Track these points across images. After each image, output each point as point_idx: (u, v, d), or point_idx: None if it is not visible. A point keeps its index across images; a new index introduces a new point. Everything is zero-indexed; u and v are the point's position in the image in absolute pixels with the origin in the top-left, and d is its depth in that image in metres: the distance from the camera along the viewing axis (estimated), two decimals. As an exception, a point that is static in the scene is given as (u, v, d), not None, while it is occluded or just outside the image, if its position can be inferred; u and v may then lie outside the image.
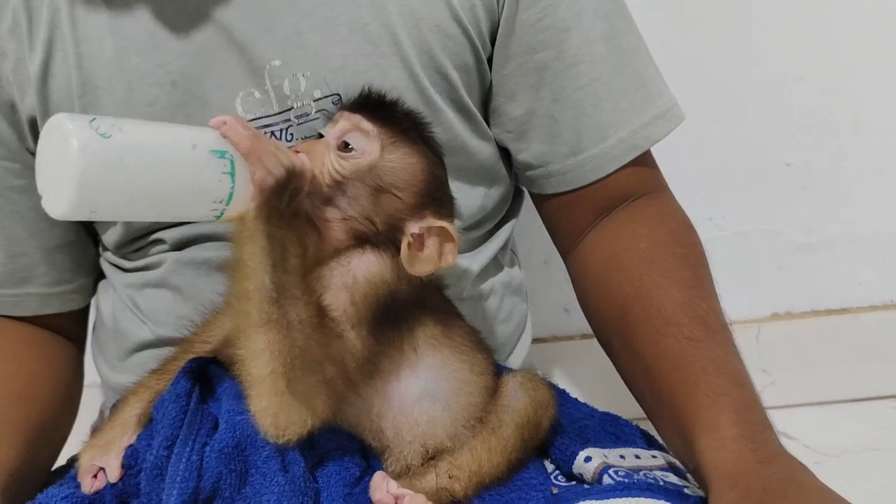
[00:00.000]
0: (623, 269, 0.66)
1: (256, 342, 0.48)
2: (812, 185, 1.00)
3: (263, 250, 0.48)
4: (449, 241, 0.54)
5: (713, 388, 0.55)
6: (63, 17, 0.64)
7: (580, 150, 0.68)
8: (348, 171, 0.53)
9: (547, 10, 0.65)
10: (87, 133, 0.45)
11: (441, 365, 0.55)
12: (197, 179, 0.48)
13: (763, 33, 0.96)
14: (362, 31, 0.63)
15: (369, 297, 0.52)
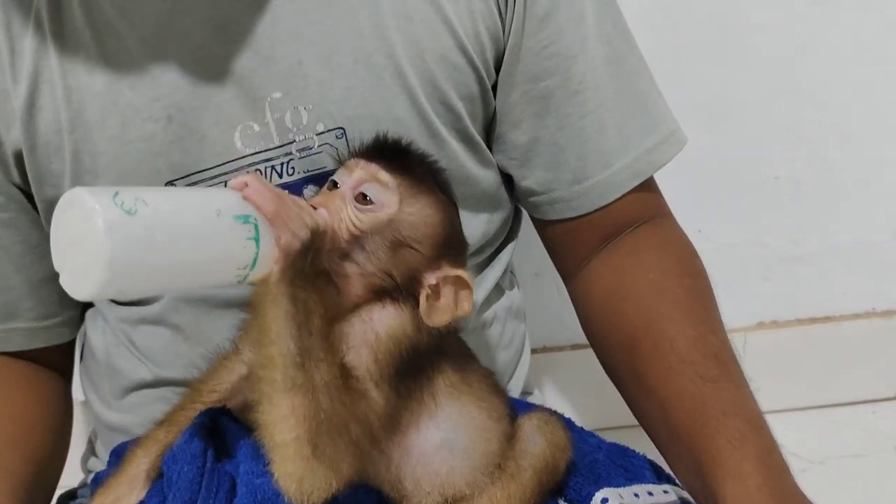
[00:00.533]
0: (631, 300, 0.66)
1: (281, 407, 0.46)
2: (799, 197, 1.01)
3: (288, 314, 0.46)
4: (464, 288, 0.53)
5: (734, 433, 0.55)
6: (48, 48, 0.61)
7: (585, 177, 0.67)
8: (367, 226, 0.52)
9: (553, 37, 0.64)
10: (112, 211, 0.43)
11: (460, 413, 0.54)
12: (223, 248, 0.46)
13: (753, 48, 0.96)
14: (366, 63, 0.61)
15: (392, 354, 0.51)
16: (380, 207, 0.52)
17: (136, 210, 0.43)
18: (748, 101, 0.98)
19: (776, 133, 0.99)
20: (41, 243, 0.68)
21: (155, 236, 0.43)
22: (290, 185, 0.63)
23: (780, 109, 0.98)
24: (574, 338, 1.08)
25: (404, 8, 0.61)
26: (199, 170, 0.62)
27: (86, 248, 0.43)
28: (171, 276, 0.45)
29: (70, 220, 0.44)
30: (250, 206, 0.47)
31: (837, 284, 1.05)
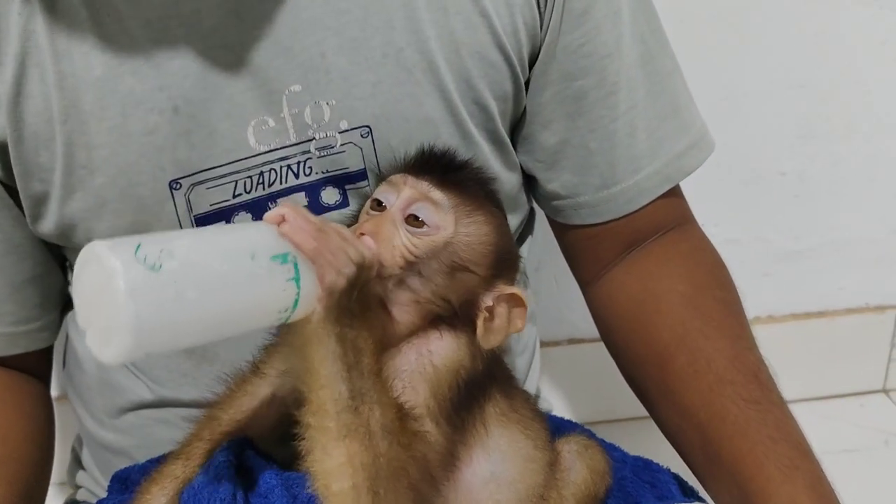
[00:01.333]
0: (661, 313, 0.63)
1: (336, 456, 0.42)
2: (804, 193, 1.00)
3: (336, 355, 0.42)
4: (518, 306, 0.50)
5: (784, 459, 0.53)
6: (38, 27, 0.54)
7: (613, 182, 0.64)
8: (422, 251, 0.48)
9: (589, 35, 0.60)
10: (135, 269, 0.37)
11: (509, 444, 0.51)
12: (261, 294, 0.41)
13: (761, 44, 0.94)
14: (396, 56, 0.56)
15: (451, 386, 0.47)
16: (435, 230, 0.48)
17: (162, 265, 0.38)
18: (757, 96, 0.95)
19: (783, 129, 0.98)
20: (23, 243, 0.62)
21: (184, 293, 0.38)
22: (307, 186, 0.59)
23: (788, 106, 0.96)
24: (572, 332, 1.06)
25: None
26: (206, 167, 0.57)
27: (108, 312, 0.38)
28: (204, 330, 0.40)
29: (91, 278, 0.39)
30: (288, 242, 0.42)
31: (834, 280, 1.05)
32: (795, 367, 1.06)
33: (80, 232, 0.58)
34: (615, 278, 0.67)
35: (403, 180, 0.50)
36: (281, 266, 0.41)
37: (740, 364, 0.59)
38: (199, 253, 0.40)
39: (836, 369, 1.08)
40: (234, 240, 0.42)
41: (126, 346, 0.37)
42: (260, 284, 0.41)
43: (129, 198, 0.57)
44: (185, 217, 0.58)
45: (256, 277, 0.41)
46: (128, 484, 0.58)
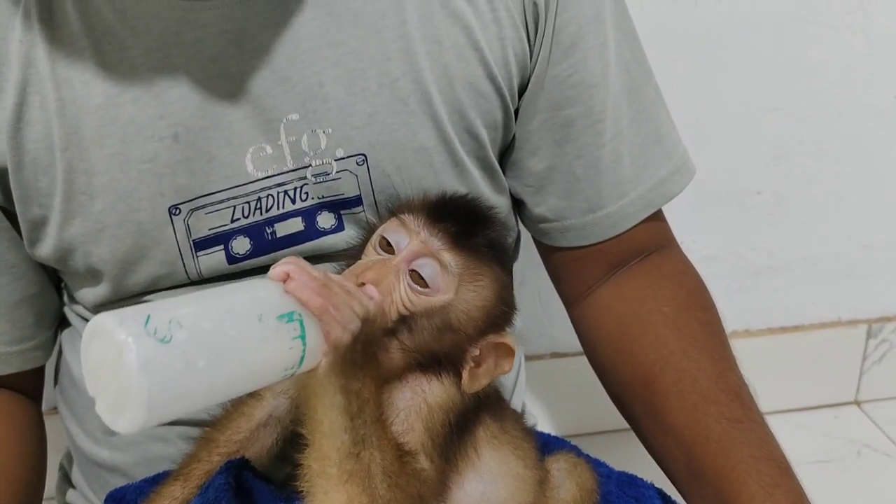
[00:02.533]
0: (646, 334, 0.65)
1: (336, 499, 0.44)
2: (778, 211, 1.03)
3: (340, 407, 0.44)
4: (506, 353, 0.51)
5: (766, 477, 0.55)
6: (39, 54, 0.55)
7: (599, 206, 0.66)
8: (418, 309, 0.49)
9: (577, 66, 0.62)
10: (145, 343, 0.38)
11: (500, 465, 0.52)
12: (268, 355, 0.42)
13: (739, 67, 0.97)
14: (391, 87, 0.58)
15: (444, 424, 0.49)
16: (435, 292, 0.49)
17: (172, 336, 0.38)
18: (733, 118, 0.99)
19: (759, 150, 1.01)
20: (17, 264, 0.62)
21: (195, 362, 0.39)
22: (303, 212, 0.60)
23: (763, 127, 0.99)
24: (554, 346, 1.08)
25: (434, 32, 0.58)
26: (205, 193, 0.58)
27: (120, 385, 0.38)
28: (213, 395, 0.41)
29: (100, 351, 0.39)
30: (293, 299, 0.42)
31: (807, 294, 1.08)
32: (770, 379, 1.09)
33: (78, 256, 0.59)
34: (600, 299, 0.69)
35: (417, 229, 0.50)
36: (287, 325, 0.42)
37: (723, 384, 0.61)
38: (208, 320, 0.40)
39: (809, 382, 1.11)
40: (241, 302, 0.42)
41: (140, 419, 0.38)
42: (267, 346, 0.41)
43: (128, 223, 0.58)
44: (184, 242, 0.59)
45: (264, 340, 0.41)
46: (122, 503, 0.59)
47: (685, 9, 0.93)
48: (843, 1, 0.95)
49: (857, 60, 0.97)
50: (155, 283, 0.60)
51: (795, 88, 0.98)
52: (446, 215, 0.51)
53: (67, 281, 0.65)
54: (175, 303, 0.41)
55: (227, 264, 0.60)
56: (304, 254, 0.60)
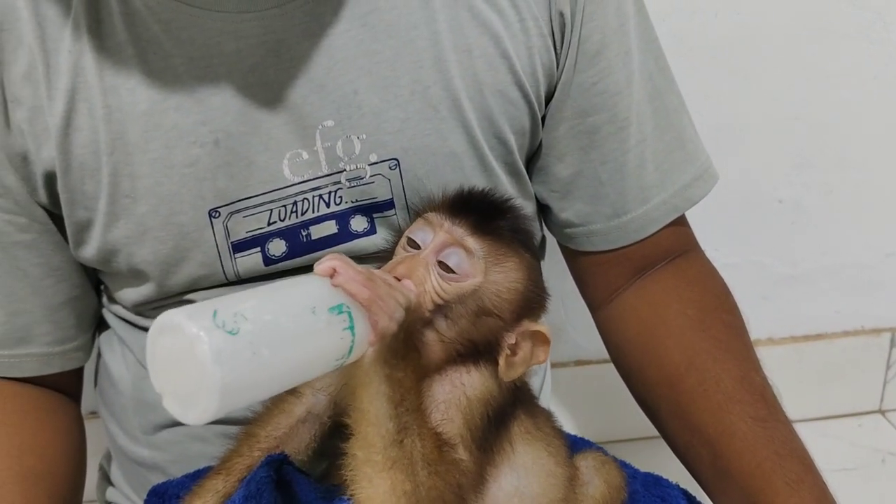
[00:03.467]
0: (672, 336, 0.67)
1: (380, 485, 0.46)
2: (800, 220, 1.04)
3: (384, 395, 0.45)
4: (542, 342, 0.53)
5: (791, 474, 0.56)
6: (87, 63, 0.58)
7: (624, 211, 0.68)
8: (451, 296, 0.50)
9: (602, 74, 0.64)
10: (216, 335, 0.40)
11: (533, 461, 0.54)
12: (323, 345, 0.44)
13: (760, 77, 0.98)
14: (423, 94, 0.60)
15: (482, 414, 0.50)
16: (464, 277, 0.51)
17: (238, 328, 0.41)
18: (754, 128, 1.00)
19: (780, 159, 1.02)
20: (62, 266, 0.65)
21: (260, 352, 0.41)
22: (337, 215, 0.62)
23: (784, 136, 1.01)
24: (579, 354, 1.09)
25: (465, 42, 0.60)
26: (243, 197, 0.60)
27: (192, 377, 0.40)
28: (276, 384, 0.44)
29: (169, 346, 0.42)
30: (341, 293, 0.45)
31: (830, 303, 1.09)
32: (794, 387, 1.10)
33: (121, 257, 0.62)
34: (625, 303, 0.71)
35: (440, 222, 0.52)
36: (337, 317, 0.44)
37: (748, 384, 0.62)
38: (268, 313, 0.43)
39: (833, 390, 1.11)
40: (295, 296, 0.44)
41: (213, 408, 0.40)
42: (321, 336, 0.44)
43: (170, 225, 0.60)
44: (223, 244, 0.61)
45: (318, 330, 0.43)
46: (165, 498, 0.60)
47: (706, 20, 0.95)
48: (863, 11, 0.96)
49: (877, 69, 0.99)
50: (195, 283, 0.62)
51: (816, 98, 0.99)
52: (466, 207, 0.53)
53: (109, 282, 0.67)
54: (235, 298, 0.43)
55: (263, 266, 0.62)
56: (339, 256, 0.62)
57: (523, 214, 0.58)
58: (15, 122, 0.58)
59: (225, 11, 0.57)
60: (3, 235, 0.62)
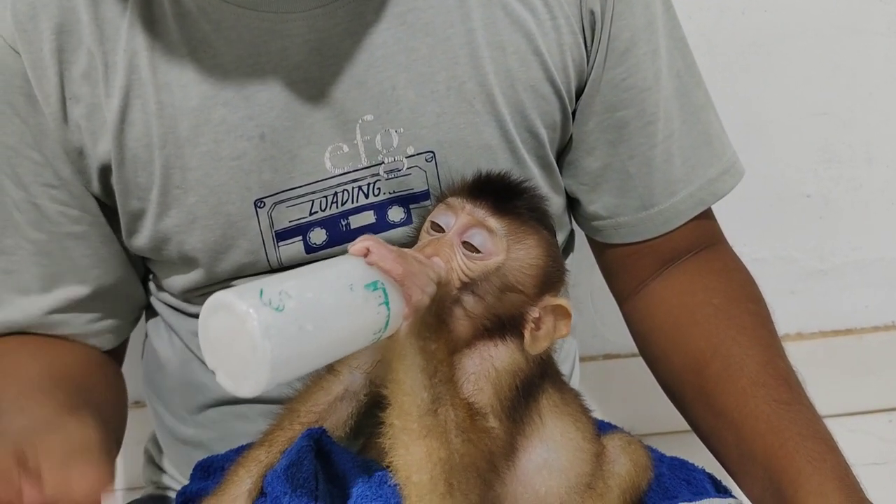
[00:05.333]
0: (698, 324, 0.68)
1: (416, 452, 0.48)
2: (828, 214, 1.05)
3: (419, 366, 0.48)
4: (564, 315, 0.55)
5: (813, 453, 0.58)
6: (142, 62, 0.61)
7: (651, 204, 0.70)
8: (476, 274, 0.53)
9: (631, 70, 0.66)
10: (264, 312, 0.44)
11: (562, 434, 0.56)
12: (362, 320, 0.47)
13: (788, 72, 0.99)
14: (459, 89, 0.63)
15: (510, 386, 0.53)
16: (488, 255, 0.53)
17: (284, 305, 0.44)
18: (783, 123, 1.01)
19: (807, 154, 1.03)
20: (109, 258, 0.68)
21: (305, 327, 0.44)
22: (375, 206, 0.65)
23: (812, 132, 1.02)
24: (607, 348, 1.11)
25: (498, 39, 0.63)
26: (287, 188, 0.63)
27: (244, 352, 0.44)
28: (319, 357, 0.47)
29: (220, 324, 0.45)
30: (376, 270, 0.48)
31: (859, 298, 1.09)
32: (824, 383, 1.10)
33: (172, 245, 0.65)
34: (653, 293, 0.73)
35: (461, 205, 0.55)
36: (373, 293, 0.47)
37: (772, 369, 0.64)
38: (310, 290, 0.46)
39: (863, 385, 1.11)
40: (333, 275, 0.48)
41: (264, 380, 0.44)
42: (359, 312, 0.47)
43: (218, 215, 0.63)
44: (266, 232, 0.64)
45: (357, 306, 0.47)
46: (210, 471, 0.64)
47: (733, 18, 0.96)
48: (890, 7, 0.97)
49: (904, 65, 0.99)
50: (241, 270, 0.65)
51: (843, 94, 1.00)
52: (485, 190, 0.56)
53: (158, 270, 0.70)
54: (278, 278, 0.47)
55: (304, 253, 0.65)
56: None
57: (539, 195, 0.61)
58: (73, 118, 0.62)
59: (272, 12, 0.60)
60: (55, 225, 0.65)
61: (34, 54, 0.61)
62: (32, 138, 0.62)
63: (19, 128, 0.62)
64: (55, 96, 0.61)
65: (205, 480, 0.63)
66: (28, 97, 0.61)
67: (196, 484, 0.64)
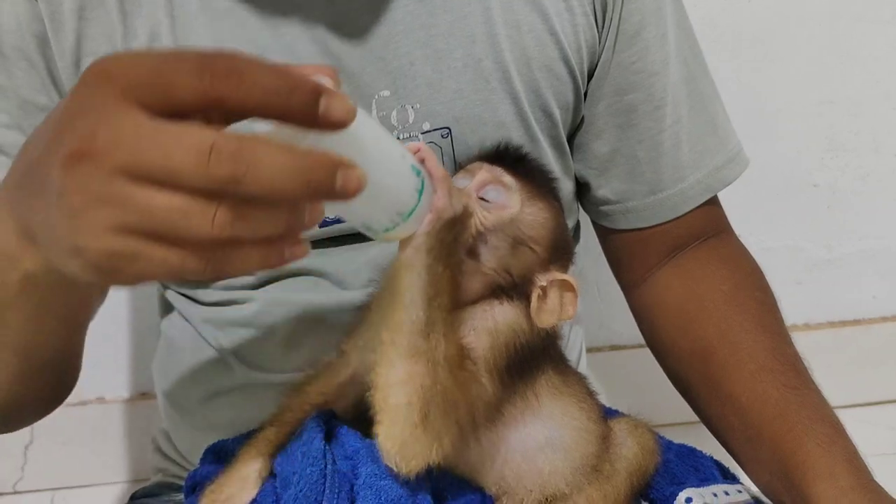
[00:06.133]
0: (705, 311, 0.68)
1: (400, 372, 0.48)
2: (835, 204, 1.05)
3: (421, 284, 0.48)
4: (569, 291, 0.55)
5: (822, 437, 0.58)
6: (163, 30, 0.61)
7: (660, 189, 0.70)
8: (491, 224, 0.54)
9: (640, 54, 0.67)
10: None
11: (563, 413, 0.56)
12: (399, 185, 0.47)
13: (795, 61, 0.99)
14: (475, 66, 0.63)
15: (508, 344, 0.53)
16: (503, 207, 0.54)
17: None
18: (789, 112, 1.01)
19: (814, 144, 1.03)
20: None
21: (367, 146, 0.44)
22: None
23: (819, 121, 1.02)
24: (612, 339, 1.11)
25: (514, 18, 0.63)
26: None
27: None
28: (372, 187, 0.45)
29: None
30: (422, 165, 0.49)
31: (867, 288, 1.09)
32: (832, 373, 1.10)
33: None
34: (660, 281, 0.73)
35: (479, 167, 0.56)
36: (415, 177, 0.48)
37: (779, 355, 0.64)
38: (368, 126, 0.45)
39: (872, 376, 1.11)
40: (392, 140, 0.48)
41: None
42: (400, 179, 0.47)
43: None
44: None
45: (401, 172, 0.47)
46: (220, 455, 0.64)
47: (739, 6, 0.96)
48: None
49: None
50: None
51: (850, 82, 1.00)
52: (502, 155, 0.57)
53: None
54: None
55: (317, 227, 0.64)
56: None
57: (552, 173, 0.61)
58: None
59: None
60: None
61: (53, 7, 0.60)
62: (41, 84, 0.62)
63: (27, 72, 0.61)
64: (69, 52, 0.61)
65: (215, 464, 0.64)
66: (41, 42, 0.61)
67: (206, 468, 0.64)
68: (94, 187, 0.37)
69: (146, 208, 0.37)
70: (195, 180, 0.36)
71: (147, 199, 0.37)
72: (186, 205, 0.37)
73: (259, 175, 0.37)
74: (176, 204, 0.37)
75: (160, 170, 0.37)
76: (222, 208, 0.37)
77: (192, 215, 0.37)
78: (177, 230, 0.37)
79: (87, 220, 0.38)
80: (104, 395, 1.11)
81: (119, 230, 0.38)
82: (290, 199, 0.39)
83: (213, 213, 0.37)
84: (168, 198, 0.37)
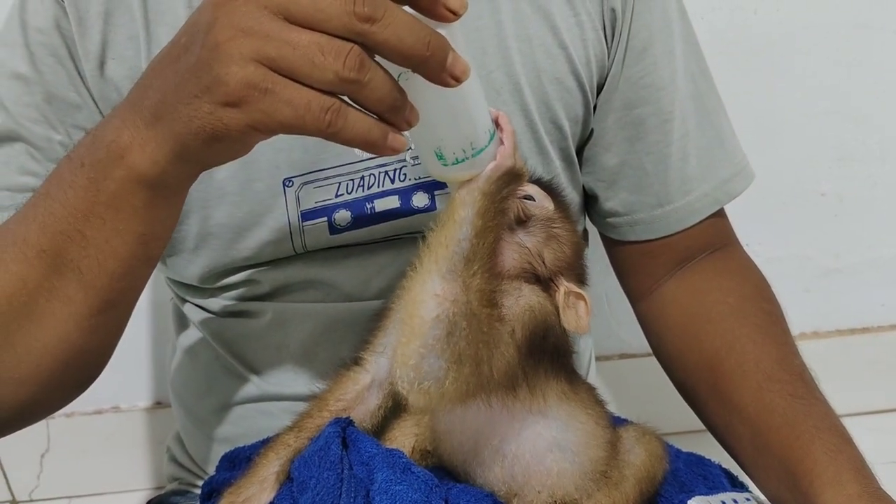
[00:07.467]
0: (713, 322, 0.69)
1: (433, 287, 0.49)
2: (843, 213, 1.05)
3: (471, 220, 0.50)
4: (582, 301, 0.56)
5: (829, 445, 0.58)
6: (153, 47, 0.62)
7: (667, 201, 0.71)
8: (534, 210, 0.56)
9: (649, 69, 0.68)
10: None
11: (570, 416, 0.56)
12: (478, 118, 0.50)
13: (802, 71, 1.00)
14: (487, 78, 0.64)
15: (536, 315, 0.53)
16: (541, 207, 0.56)
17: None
18: (796, 121, 1.02)
19: (821, 153, 1.03)
20: None
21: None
22: (401, 191, 0.66)
23: (826, 130, 1.02)
24: (622, 348, 1.11)
25: (526, 31, 0.65)
26: (316, 169, 0.65)
27: None
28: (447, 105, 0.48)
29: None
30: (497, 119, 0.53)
31: (875, 296, 1.09)
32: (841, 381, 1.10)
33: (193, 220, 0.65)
34: (666, 292, 0.74)
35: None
36: (490, 121, 0.51)
37: (786, 365, 0.64)
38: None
39: (880, 384, 1.12)
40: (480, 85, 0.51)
41: None
42: (482, 112, 0.50)
43: (247, 191, 0.64)
44: (293, 211, 0.65)
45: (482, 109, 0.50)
46: (236, 462, 0.65)
47: (745, 17, 0.97)
48: (902, 6, 0.98)
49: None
50: (261, 252, 0.66)
51: (856, 92, 1.01)
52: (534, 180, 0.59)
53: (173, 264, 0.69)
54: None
55: (329, 234, 0.66)
56: (400, 230, 0.67)
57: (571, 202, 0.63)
58: (110, 76, 0.63)
59: None
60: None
61: (80, 11, 0.62)
62: (68, 79, 0.63)
63: (54, 68, 0.63)
64: (95, 55, 0.62)
65: (230, 471, 0.65)
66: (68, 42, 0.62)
67: (222, 475, 0.65)
68: (243, 21, 0.42)
69: (288, 41, 0.42)
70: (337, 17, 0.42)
71: (290, 34, 0.42)
72: (324, 41, 0.42)
73: (393, 22, 0.42)
74: (315, 39, 0.42)
75: (307, 7, 0.42)
76: (354, 50, 0.42)
77: (328, 52, 0.42)
78: (312, 65, 0.42)
79: (231, 48, 0.43)
80: (119, 403, 1.12)
81: (260, 60, 0.42)
82: (410, 56, 0.43)
83: (346, 53, 0.42)
84: (309, 35, 0.42)
